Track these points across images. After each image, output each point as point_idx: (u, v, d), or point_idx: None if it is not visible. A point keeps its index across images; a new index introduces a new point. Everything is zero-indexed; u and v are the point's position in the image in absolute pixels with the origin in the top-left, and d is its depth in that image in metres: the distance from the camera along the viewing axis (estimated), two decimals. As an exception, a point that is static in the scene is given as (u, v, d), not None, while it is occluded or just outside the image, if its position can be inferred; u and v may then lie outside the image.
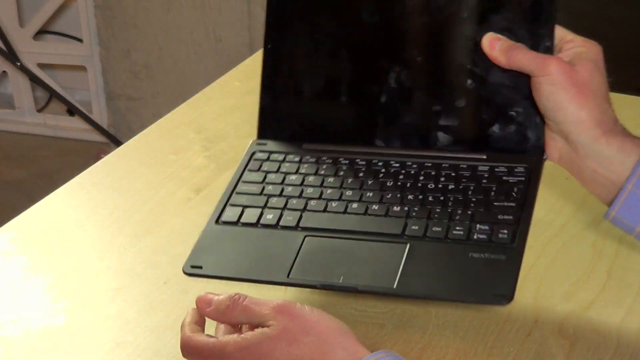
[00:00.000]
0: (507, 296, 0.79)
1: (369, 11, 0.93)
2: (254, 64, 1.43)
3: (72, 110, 2.97)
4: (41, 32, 3.05)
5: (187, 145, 1.22)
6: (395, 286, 0.81)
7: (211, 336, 0.77)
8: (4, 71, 3.08)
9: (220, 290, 0.79)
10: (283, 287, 0.94)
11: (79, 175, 1.16)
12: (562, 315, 0.92)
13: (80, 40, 2.98)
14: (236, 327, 0.79)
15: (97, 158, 1.93)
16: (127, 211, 1.09)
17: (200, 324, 0.79)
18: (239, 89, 1.36)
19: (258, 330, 0.74)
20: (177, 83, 2.83)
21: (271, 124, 0.97)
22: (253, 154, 0.97)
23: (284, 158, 0.95)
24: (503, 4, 0.88)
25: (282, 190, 0.92)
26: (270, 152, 0.96)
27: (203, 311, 0.79)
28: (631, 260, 0.99)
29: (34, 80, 2.94)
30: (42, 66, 2.99)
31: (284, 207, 0.90)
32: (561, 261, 0.99)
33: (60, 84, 3.01)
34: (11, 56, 2.89)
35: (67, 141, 3.05)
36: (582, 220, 1.05)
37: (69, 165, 2.70)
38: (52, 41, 3.09)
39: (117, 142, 2.78)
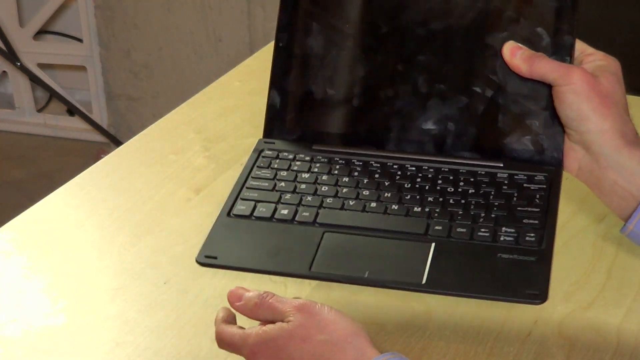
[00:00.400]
0: (540, 295, 0.78)
1: (387, 14, 0.92)
2: (254, 64, 1.43)
3: (72, 110, 2.97)
4: (41, 32, 3.05)
5: (187, 145, 1.22)
6: (424, 282, 0.81)
7: (242, 327, 0.79)
8: (4, 71, 3.08)
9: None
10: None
11: (78, 175, 1.16)
12: (562, 315, 0.92)
13: (80, 40, 2.98)
14: (264, 324, 0.80)
15: (97, 158, 1.93)
16: (127, 211, 1.09)
17: (231, 319, 0.81)
18: (239, 89, 1.36)
19: (277, 325, 0.77)
20: (177, 83, 2.83)
21: (279, 123, 0.95)
22: (261, 151, 0.94)
23: (294, 157, 0.93)
24: (524, 14, 0.88)
25: (295, 187, 0.90)
26: (279, 151, 0.94)
27: (233, 305, 0.80)
28: (631, 260, 0.99)
29: (34, 80, 2.94)
30: (42, 66, 2.99)
31: (299, 204, 0.88)
32: (561, 261, 0.99)
33: (60, 84, 3.01)
34: (11, 56, 2.89)
35: (67, 141, 3.05)
36: (582, 220, 1.05)
37: (69, 165, 2.70)
38: (52, 41, 3.09)
39: (117, 142, 2.78)
